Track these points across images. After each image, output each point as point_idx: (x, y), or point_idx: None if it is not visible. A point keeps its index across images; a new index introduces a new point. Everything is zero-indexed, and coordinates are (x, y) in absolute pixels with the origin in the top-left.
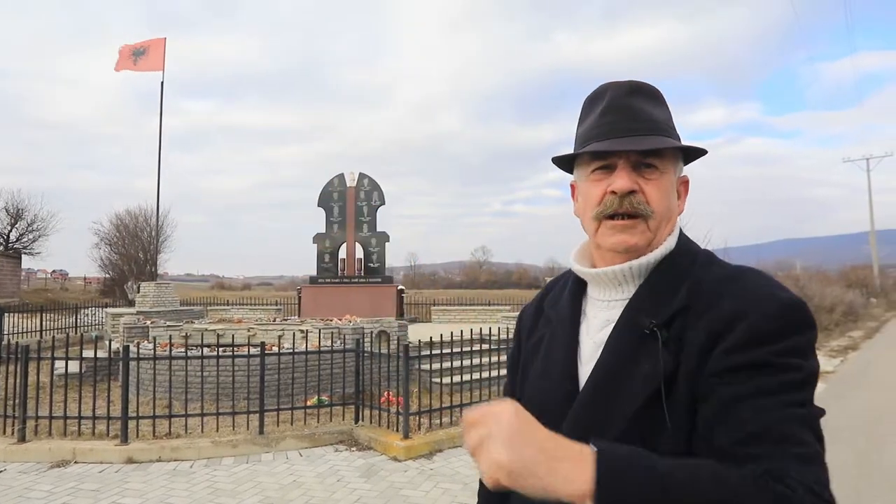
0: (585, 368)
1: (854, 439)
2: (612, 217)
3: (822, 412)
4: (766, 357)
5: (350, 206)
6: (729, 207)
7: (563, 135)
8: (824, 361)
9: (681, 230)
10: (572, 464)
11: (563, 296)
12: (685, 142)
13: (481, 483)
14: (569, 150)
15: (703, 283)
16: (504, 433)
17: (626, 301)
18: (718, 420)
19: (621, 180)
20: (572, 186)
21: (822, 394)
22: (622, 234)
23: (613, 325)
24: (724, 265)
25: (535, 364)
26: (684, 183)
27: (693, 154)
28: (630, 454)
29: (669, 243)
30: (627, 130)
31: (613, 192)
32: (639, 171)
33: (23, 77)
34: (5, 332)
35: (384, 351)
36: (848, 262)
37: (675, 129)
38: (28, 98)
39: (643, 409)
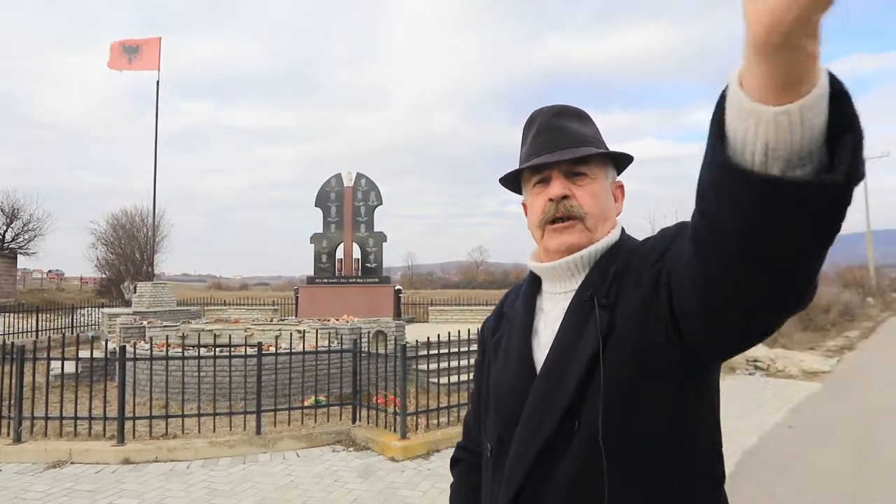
0: (543, 352)
1: (851, 439)
2: (553, 222)
3: None
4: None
5: (347, 206)
6: None
7: None
8: (821, 361)
9: (623, 229)
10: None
11: (520, 295)
12: (614, 148)
13: (453, 491)
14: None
15: (632, 252)
16: None
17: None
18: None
19: (555, 188)
20: (524, 206)
21: (819, 394)
22: (562, 234)
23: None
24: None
25: (498, 357)
26: (620, 187)
27: (624, 163)
28: None
29: (613, 236)
30: (557, 146)
31: (551, 199)
32: (571, 179)
33: (15, 76)
34: (1, 333)
35: (381, 351)
36: (843, 262)
37: (601, 141)
38: (21, 97)
39: (588, 369)
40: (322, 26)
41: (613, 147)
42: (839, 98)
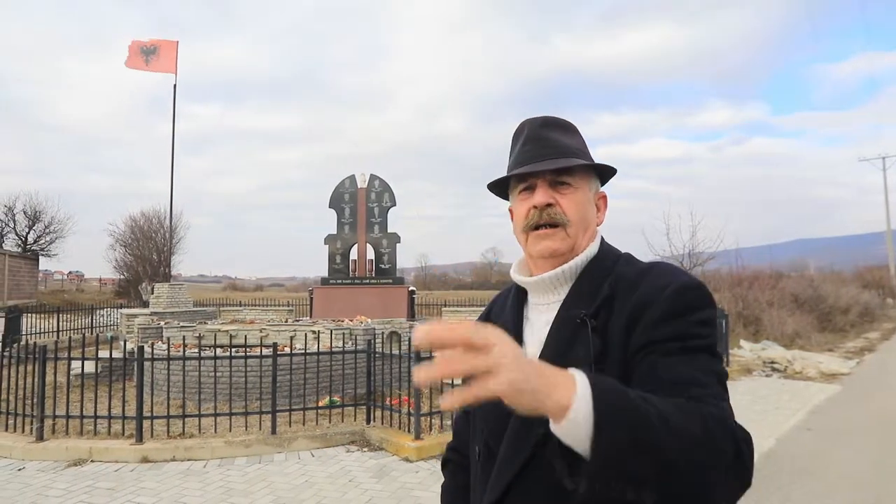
0: None
1: (871, 442)
2: (536, 228)
3: (726, 373)
4: (679, 329)
5: (361, 207)
6: (739, 208)
7: None
8: (840, 363)
9: (602, 238)
10: (563, 383)
11: (507, 305)
12: (597, 160)
13: (443, 491)
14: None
15: (623, 277)
16: (512, 356)
17: (561, 301)
18: (644, 381)
19: (539, 195)
20: (511, 212)
21: (838, 396)
22: (545, 240)
23: (552, 322)
24: (640, 262)
25: None
26: (602, 198)
27: (608, 175)
28: (604, 379)
29: (592, 249)
30: (542, 156)
31: (535, 207)
32: (555, 188)
33: (30, 81)
34: (24, 333)
35: (395, 352)
36: (862, 262)
37: (586, 153)
38: (36, 102)
39: None
40: (328, 29)
41: (638, 148)
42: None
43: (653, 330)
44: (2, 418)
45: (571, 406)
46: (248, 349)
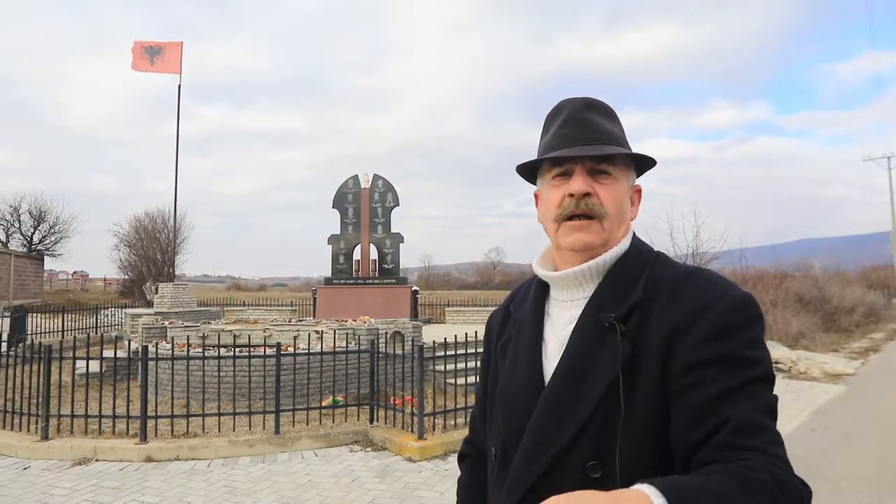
0: (551, 364)
1: (876, 442)
2: (570, 218)
3: (777, 398)
4: (731, 351)
5: (364, 207)
6: (743, 207)
7: None
8: (844, 363)
9: (634, 233)
10: None
11: (528, 299)
12: (637, 151)
13: (461, 486)
14: None
15: (658, 281)
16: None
17: (587, 299)
18: (700, 419)
19: (577, 183)
20: (536, 196)
21: (842, 396)
22: (579, 232)
23: (576, 321)
24: (677, 264)
25: (505, 364)
26: (637, 191)
27: (645, 166)
28: (677, 490)
29: (623, 245)
30: (582, 140)
31: (571, 195)
32: (594, 177)
33: (35, 83)
34: (29, 332)
35: (399, 352)
36: (867, 262)
37: (626, 142)
38: (40, 103)
39: (604, 396)
40: (331, 30)
41: (642, 148)
42: None
43: (701, 349)
44: (7, 417)
45: None
46: (251, 349)
